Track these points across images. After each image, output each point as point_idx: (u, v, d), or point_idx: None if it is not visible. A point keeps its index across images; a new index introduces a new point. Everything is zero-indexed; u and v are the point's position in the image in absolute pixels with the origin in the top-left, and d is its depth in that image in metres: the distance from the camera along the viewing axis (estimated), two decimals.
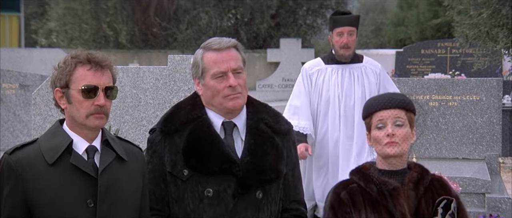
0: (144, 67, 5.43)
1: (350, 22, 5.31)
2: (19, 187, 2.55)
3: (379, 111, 2.86)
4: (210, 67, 2.84)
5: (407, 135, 2.84)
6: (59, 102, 2.64)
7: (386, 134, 2.82)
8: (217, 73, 2.83)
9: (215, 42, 2.87)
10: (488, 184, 6.89)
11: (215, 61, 2.84)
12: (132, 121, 5.40)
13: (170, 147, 2.86)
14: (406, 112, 2.86)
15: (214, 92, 2.85)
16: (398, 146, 2.82)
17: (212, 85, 2.84)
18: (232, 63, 2.84)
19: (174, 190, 2.86)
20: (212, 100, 2.87)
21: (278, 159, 2.89)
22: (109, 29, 17.76)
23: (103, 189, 2.59)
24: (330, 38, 5.39)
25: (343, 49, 5.27)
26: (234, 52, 2.87)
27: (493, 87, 7.85)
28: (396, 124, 2.83)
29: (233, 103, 2.84)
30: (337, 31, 5.26)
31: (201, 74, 2.87)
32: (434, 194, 2.88)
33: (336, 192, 2.90)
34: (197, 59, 2.88)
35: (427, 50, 14.79)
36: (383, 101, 2.87)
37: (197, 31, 17.49)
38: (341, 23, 5.27)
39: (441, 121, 7.99)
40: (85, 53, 2.63)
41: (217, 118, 2.89)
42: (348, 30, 5.26)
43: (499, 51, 9.78)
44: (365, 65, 5.37)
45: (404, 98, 2.89)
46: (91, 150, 2.63)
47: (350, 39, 5.27)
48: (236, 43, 2.91)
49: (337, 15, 5.39)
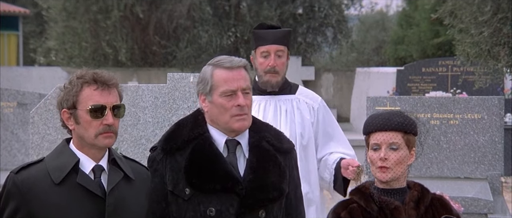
0: (143, 86, 5.40)
1: (278, 39, 4.00)
2: (24, 207, 2.55)
3: (376, 132, 2.86)
4: (219, 85, 2.84)
5: (401, 159, 2.84)
6: (67, 123, 2.65)
7: (379, 157, 2.83)
8: (227, 92, 2.83)
9: (226, 60, 2.87)
10: (490, 204, 6.84)
11: (226, 79, 2.84)
12: (131, 139, 5.36)
13: (172, 166, 2.85)
14: (404, 134, 2.86)
15: (221, 110, 2.84)
16: (390, 171, 2.83)
17: (220, 103, 2.84)
18: (242, 83, 2.85)
19: (176, 209, 2.84)
20: (218, 118, 2.87)
21: (281, 177, 2.88)
22: (109, 47, 17.79)
23: (111, 209, 2.59)
24: (252, 59, 4.04)
25: (268, 74, 3.96)
26: (244, 72, 2.88)
27: (495, 106, 7.82)
28: (391, 147, 2.84)
29: (239, 125, 2.84)
30: (262, 51, 3.96)
31: (209, 91, 2.86)
32: (435, 213, 2.88)
33: (336, 212, 2.90)
34: (206, 75, 2.88)
35: (428, 68, 14.78)
36: (381, 122, 2.86)
37: (196, 49, 17.51)
38: (266, 40, 3.97)
39: (443, 140, 7.95)
40: (91, 73, 2.64)
41: (220, 136, 2.88)
42: (276, 49, 3.95)
43: (501, 69, 9.77)
44: (299, 97, 4.06)
45: (403, 120, 2.87)
46: (97, 169, 2.63)
47: (278, 61, 3.96)
48: (246, 63, 2.92)
49: (261, 29, 4.05)
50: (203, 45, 17.45)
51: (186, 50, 17.58)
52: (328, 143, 4.01)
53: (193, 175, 2.81)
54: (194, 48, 17.57)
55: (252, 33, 4.08)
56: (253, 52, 4.06)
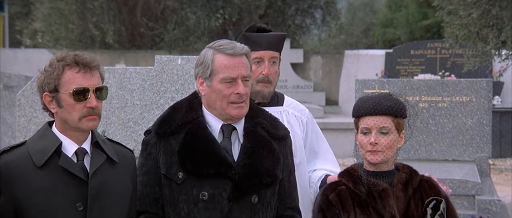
0: (130, 68, 5.37)
1: (273, 44, 3.55)
2: (6, 190, 2.53)
3: (366, 116, 2.87)
4: (220, 71, 2.83)
5: (391, 142, 2.86)
6: (49, 106, 2.63)
7: (369, 141, 2.84)
8: (227, 79, 2.82)
9: (229, 47, 2.85)
10: (478, 186, 6.88)
11: (227, 66, 2.82)
12: (119, 122, 5.34)
13: (165, 149, 2.85)
14: (394, 118, 2.87)
15: (219, 96, 2.84)
16: (381, 154, 2.86)
17: (219, 89, 2.83)
18: (243, 71, 2.84)
19: (169, 193, 2.84)
20: (215, 103, 2.86)
21: (275, 163, 2.88)
22: (96, 29, 17.66)
23: (93, 192, 2.58)
24: None
25: (261, 83, 3.49)
26: (245, 60, 2.87)
27: (483, 88, 7.84)
28: (381, 132, 2.85)
29: (236, 112, 2.84)
30: (254, 56, 3.43)
31: (209, 76, 2.85)
32: (423, 195, 2.90)
33: (324, 194, 2.92)
34: (207, 59, 2.86)
35: (417, 51, 14.80)
36: (371, 106, 2.87)
37: (184, 31, 17.42)
38: (259, 45, 3.51)
39: (431, 122, 7.97)
40: (72, 55, 2.61)
41: (216, 121, 2.88)
42: (270, 56, 3.51)
43: (489, 52, 9.78)
44: (287, 110, 3.64)
45: (393, 104, 2.88)
46: (80, 152, 2.62)
47: (272, 69, 3.51)
48: (248, 50, 2.91)
49: (253, 32, 3.59)
50: (191, 27, 17.36)
51: (174, 32, 17.49)
52: (312, 160, 3.65)
53: (187, 159, 2.80)
54: (182, 30, 17.48)
55: (243, 36, 3.57)
56: None
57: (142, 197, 2.83)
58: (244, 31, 3.58)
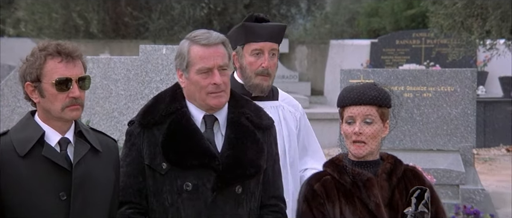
0: (115, 58, 5.34)
1: (274, 35, 3.43)
2: None
3: (350, 106, 2.87)
4: (196, 62, 2.82)
5: (375, 132, 2.86)
6: (31, 96, 2.62)
7: (353, 131, 2.85)
8: (203, 69, 2.81)
9: (204, 37, 2.84)
10: (462, 176, 6.92)
11: (202, 56, 2.81)
12: (103, 112, 5.32)
13: (149, 140, 2.84)
14: (378, 107, 2.87)
15: (197, 87, 2.83)
16: (365, 146, 2.86)
17: (196, 81, 2.82)
18: (219, 60, 2.82)
19: (152, 183, 2.83)
20: (194, 94, 2.85)
21: (259, 154, 2.87)
22: (80, 18, 17.54)
23: (77, 181, 2.57)
24: (236, 56, 3.44)
25: (260, 76, 3.37)
26: (222, 48, 2.85)
27: (468, 78, 7.87)
28: (366, 121, 2.86)
29: (215, 102, 2.83)
30: (253, 48, 3.37)
31: (186, 67, 2.85)
32: (407, 184, 2.90)
33: (309, 184, 2.92)
34: (183, 51, 2.86)
35: (402, 40, 14.83)
36: (355, 96, 2.87)
37: (169, 21, 17.35)
38: (260, 36, 3.38)
39: (416, 112, 8.00)
40: (54, 45, 2.60)
41: (198, 112, 2.87)
42: (270, 47, 3.39)
43: (474, 41, 9.82)
44: (282, 105, 3.52)
45: (377, 93, 2.89)
46: (63, 142, 2.61)
47: (271, 62, 3.39)
48: (224, 39, 2.88)
49: (253, 22, 3.45)
50: (175, 17, 17.29)
51: (158, 22, 17.42)
52: (303, 158, 3.58)
53: (170, 150, 2.80)
54: (167, 19, 17.41)
55: (241, 26, 3.42)
56: (239, 48, 3.42)
57: (126, 188, 2.82)
58: (243, 21, 3.46)
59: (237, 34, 3.44)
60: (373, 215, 2.81)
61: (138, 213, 2.83)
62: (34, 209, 2.52)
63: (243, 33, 3.41)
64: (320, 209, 2.85)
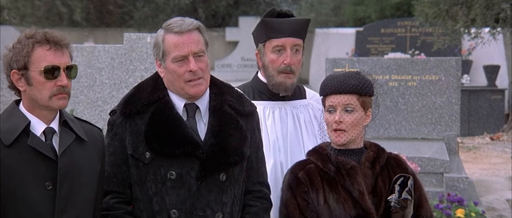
0: (99, 46, 5.31)
1: (296, 30, 3.23)
2: None
3: (331, 94, 2.90)
4: (170, 51, 2.80)
5: (356, 121, 2.88)
6: (17, 84, 2.59)
7: (334, 120, 2.87)
8: (178, 57, 2.79)
9: (177, 24, 2.81)
10: (446, 164, 6.95)
11: (176, 44, 2.79)
12: (87, 101, 5.30)
13: (132, 129, 2.83)
14: (359, 96, 2.89)
15: (174, 76, 2.81)
16: (345, 134, 2.88)
17: (173, 69, 2.81)
18: (193, 47, 2.79)
19: (136, 172, 2.82)
20: (173, 83, 2.84)
21: (242, 141, 2.87)
22: (63, 6, 17.43)
23: (63, 171, 2.56)
24: (258, 54, 3.29)
25: (283, 74, 3.20)
26: (196, 35, 2.82)
27: (452, 67, 7.90)
28: (346, 109, 2.88)
29: (194, 90, 2.81)
30: (275, 44, 3.20)
31: (162, 57, 2.83)
32: (390, 172, 2.93)
33: (293, 172, 2.94)
34: (158, 40, 2.84)
35: (387, 29, 14.85)
36: (336, 85, 2.89)
37: (154, 9, 17.29)
38: (281, 32, 3.20)
39: (401, 101, 8.02)
40: (42, 33, 2.58)
41: (179, 100, 2.86)
42: (293, 43, 3.20)
43: (458, 30, 9.85)
44: (312, 103, 3.35)
45: (358, 82, 2.90)
46: (49, 131, 2.59)
47: (295, 58, 3.21)
48: (199, 25, 2.85)
49: (274, 17, 3.27)
50: (160, 5, 17.24)
51: (143, 10, 17.36)
52: None
53: (153, 139, 2.79)
54: (151, 8, 17.35)
55: (262, 23, 3.24)
56: (260, 46, 3.26)
57: (109, 177, 2.81)
58: (263, 17, 3.27)
59: (258, 31, 3.28)
60: (357, 202, 2.83)
61: (122, 202, 2.83)
62: (19, 199, 2.51)
63: (264, 29, 3.24)
64: (304, 196, 2.87)
